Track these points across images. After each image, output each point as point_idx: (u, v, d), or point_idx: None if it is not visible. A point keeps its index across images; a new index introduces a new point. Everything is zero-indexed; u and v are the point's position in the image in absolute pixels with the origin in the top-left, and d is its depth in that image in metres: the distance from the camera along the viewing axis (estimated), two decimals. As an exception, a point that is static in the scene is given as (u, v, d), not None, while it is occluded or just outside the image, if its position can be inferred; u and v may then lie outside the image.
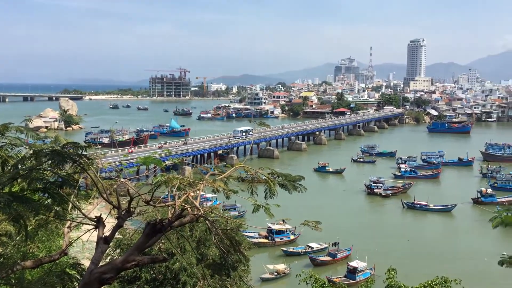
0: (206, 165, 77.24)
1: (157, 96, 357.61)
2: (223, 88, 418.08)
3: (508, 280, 33.32)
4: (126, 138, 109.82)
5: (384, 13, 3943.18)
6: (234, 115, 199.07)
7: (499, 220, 9.48)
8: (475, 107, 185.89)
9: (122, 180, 8.64)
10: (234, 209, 50.19)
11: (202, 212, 7.65)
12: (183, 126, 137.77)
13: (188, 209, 7.67)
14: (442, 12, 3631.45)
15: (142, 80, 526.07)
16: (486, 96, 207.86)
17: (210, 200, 51.24)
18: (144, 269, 16.69)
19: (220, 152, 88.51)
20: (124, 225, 18.86)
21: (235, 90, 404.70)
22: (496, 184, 65.79)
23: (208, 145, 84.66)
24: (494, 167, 75.41)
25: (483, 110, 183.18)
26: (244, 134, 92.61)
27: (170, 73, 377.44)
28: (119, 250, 18.20)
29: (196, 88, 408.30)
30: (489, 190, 60.17)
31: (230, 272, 13.84)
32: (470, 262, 39.28)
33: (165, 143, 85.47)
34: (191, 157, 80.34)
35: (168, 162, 18.85)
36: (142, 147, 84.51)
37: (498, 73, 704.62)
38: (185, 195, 7.94)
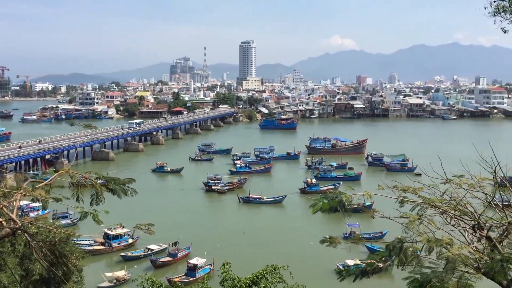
0: (32, 172, 70.59)
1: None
2: (50, 88, 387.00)
3: (329, 259, 37.21)
4: None
5: (216, 14, 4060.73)
6: (63, 116, 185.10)
7: (318, 207, 10.37)
8: (300, 105, 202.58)
9: None
10: (66, 217, 46.77)
11: (20, 224, 6.99)
12: (3, 129, 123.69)
13: (3, 222, 6.94)
14: (269, 17, 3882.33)
15: None
16: (309, 94, 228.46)
17: (37, 210, 47.02)
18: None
19: (48, 156, 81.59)
20: None
21: (63, 89, 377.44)
22: (319, 175, 72.52)
23: (34, 150, 77.25)
24: (317, 159, 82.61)
25: (306, 108, 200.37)
26: (137, 125, 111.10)
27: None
28: None
29: (18, 88, 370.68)
30: (314, 181, 66.02)
31: (59, 286, 12.86)
32: (299, 247, 42.80)
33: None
34: (13, 163, 72.61)
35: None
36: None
37: (318, 73, 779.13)
38: (-1, 208, 7.15)
